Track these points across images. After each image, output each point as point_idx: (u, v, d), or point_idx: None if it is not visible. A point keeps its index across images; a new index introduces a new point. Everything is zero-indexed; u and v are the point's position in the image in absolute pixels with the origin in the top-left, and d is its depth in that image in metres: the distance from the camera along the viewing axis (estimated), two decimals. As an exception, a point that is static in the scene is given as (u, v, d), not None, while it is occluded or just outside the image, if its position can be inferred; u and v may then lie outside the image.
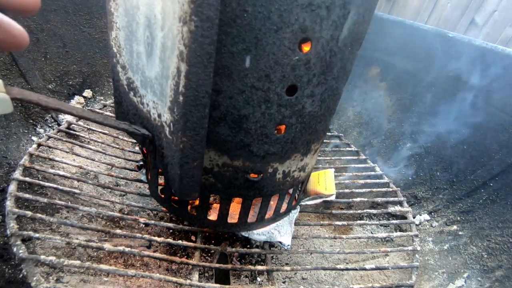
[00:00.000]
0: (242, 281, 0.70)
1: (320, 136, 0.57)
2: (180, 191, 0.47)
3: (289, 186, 0.59)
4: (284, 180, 0.57)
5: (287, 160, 0.54)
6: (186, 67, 0.35)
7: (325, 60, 0.44)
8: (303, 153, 0.55)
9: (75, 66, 0.98)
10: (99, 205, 0.77)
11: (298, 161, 0.56)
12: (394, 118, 1.12)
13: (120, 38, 0.50)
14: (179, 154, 0.42)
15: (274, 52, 0.40)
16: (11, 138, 0.76)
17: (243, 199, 0.57)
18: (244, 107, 0.44)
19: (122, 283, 0.62)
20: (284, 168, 0.54)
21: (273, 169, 0.53)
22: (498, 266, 0.67)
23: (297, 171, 0.58)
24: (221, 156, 0.50)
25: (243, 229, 0.64)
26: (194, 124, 0.40)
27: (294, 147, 0.52)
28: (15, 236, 0.53)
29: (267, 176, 0.53)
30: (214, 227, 0.63)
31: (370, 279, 0.77)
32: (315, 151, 0.59)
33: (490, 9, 1.68)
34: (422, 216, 0.89)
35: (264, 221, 0.64)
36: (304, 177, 0.62)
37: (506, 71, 0.84)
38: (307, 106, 0.47)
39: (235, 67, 0.41)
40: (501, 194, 0.78)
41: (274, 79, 0.42)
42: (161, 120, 0.45)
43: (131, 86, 0.51)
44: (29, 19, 0.85)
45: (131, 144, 0.91)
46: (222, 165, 0.51)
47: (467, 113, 0.92)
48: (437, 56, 1.02)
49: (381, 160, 1.08)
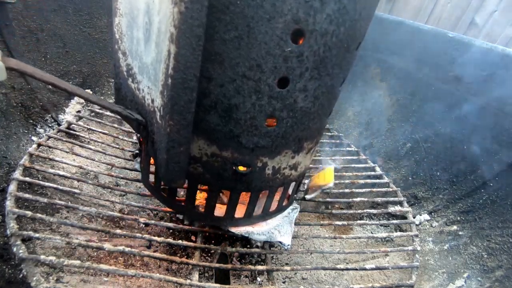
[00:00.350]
0: (242, 281, 0.70)
1: (314, 135, 0.56)
2: (166, 176, 0.47)
3: (279, 184, 0.59)
4: (274, 177, 0.56)
5: (277, 156, 0.53)
6: (175, 49, 0.36)
7: (318, 55, 0.43)
8: (294, 151, 0.54)
9: (75, 66, 0.98)
10: (99, 205, 0.77)
11: (289, 158, 0.55)
12: (394, 118, 1.12)
13: (122, 24, 0.50)
14: (166, 138, 0.43)
15: (266, 42, 0.40)
16: (11, 138, 0.76)
17: (231, 192, 0.57)
18: (234, 96, 0.44)
19: (122, 283, 0.62)
20: (274, 163, 0.54)
21: (263, 164, 0.53)
22: (498, 266, 0.67)
23: (288, 169, 0.57)
24: (210, 145, 0.49)
25: (229, 224, 0.64)
26: (181, 107, 0.40)
27: (284, 142, 0.52)
28: (15, 236, 0.53)
29: (256, 170, 0.53)
30: (200, 219, 0.63)
31: (370, 279, 0.77)
32: (309, 150, 0.59)
33: (490, 9, 1.68)
34: (422, 216, 0.89)
35: (252, 218, 0.63)
36: (297, 176, 0.61)
37: (506, 71, 0.84)
38: (299, 100, 0.47)
39: (227, 55, 0.41)
40: (501, 194, 0.78)
41: (266, 70, 0.42)
42: (153, 106, 0.46)
43: (130, 73, 0.52)
44: (29, 19, 0.85)
45: (131, 144, 0.91)
46: (211, 155, 0.50)
47: (467, 113, 0.92)
48: (437, 56, 1.02)
49: (381, 160, 1.08)
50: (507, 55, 0.85)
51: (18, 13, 0.82)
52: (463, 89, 0.93)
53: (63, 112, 0.94)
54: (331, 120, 1.31)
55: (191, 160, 0.51)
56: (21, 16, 0.83)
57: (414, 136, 1.04)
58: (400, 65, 1.15)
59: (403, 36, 1.14)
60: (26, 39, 0.84)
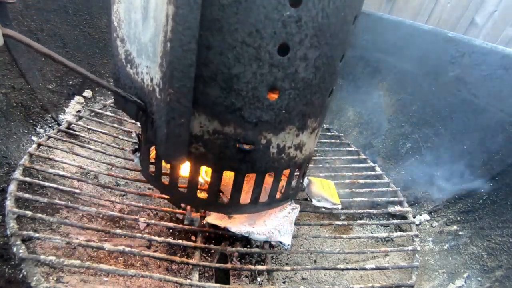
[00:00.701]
0: (242, 281, 0.70)
1: (317, 112, 0.55)
2: (166, 152, 0.46)
3: (284, 166, 0.57)
4: (279, 157, 0.55)
5: (281, 132, 0.52)
6: (173, 9, 0.36)
7: (317, 21, 0.44)
8: (298, 128, 0.54)
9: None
10: (99, 205, 0.77)
11: (294, 136, 0.54)
12: (394, 118, 1.12)
13: (120, 10, 0.51)
14: (165, 110, 0.42)
15: (265, 5, 0.40)
16: (11, 138, 0.76)
17: (235, 174, 0.55)
18: (234, 65, 0.44)
19: (122, 283, 0.62)
20: (278, 141, 0.53)
21: (267, 141, 0.52)
22: (498, 266, 0.67)
23: (293, 148, 0.56)
24: (211, 121, 0.48)
25: (235, 211, 0.61)
26: (181, 73, 0.40)
27: (288, 117, 0.51)
28: (15, 236, 0.53)
29: (260, 148, 0.52)
30: (203, 206, 0.61)
31: (370, 279, 0.77)
32: (313, 130, 0.57)
33: (490, 9, 1.68)
34: (422, 216, 0.89)
35: (258, 205, 0.61)
36: (302, 159, 0.60)
37: (506, 71, 0.84)
38: (300, 70, 0.47)
39: (225, 20, 0.41)
40: (501, 194, 0.78)
41: (265, 35, 0.42)
42: (153, 84, 0.46)
43: (128, 59, 0.52)
44: (29, 19, 0.85)
45: (131, 144, 0.91)
46: (212, 132, 0.49)
47: (467, 113, 0.92)
48: (437, 56, 1.02)
49: (381, 160, 1.08)
50: (507, 55, 0.85)
51: (18, 13, 0.82)
52: (463, 89, 0.93)
53: (63, 112, 0.94)
54: (331, 120, 1.31)
55: (192, 140, 0.50)
56: (21, 16, 0.83)
57: (414, 136, 1.04)
58: (400, 65, 1.15)
59: (403, 36, 1.14)
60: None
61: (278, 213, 0.70)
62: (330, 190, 0.79)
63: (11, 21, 0.79)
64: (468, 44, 0.94)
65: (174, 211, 0.72)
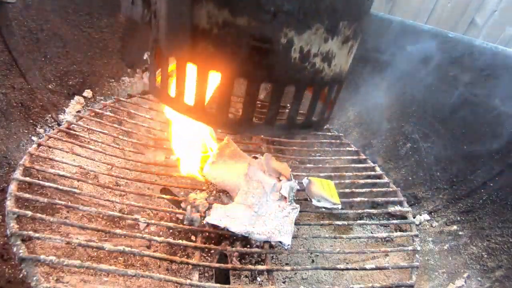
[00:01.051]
0: (242, 281, 0.70)
1: (352, 13, 0.46)
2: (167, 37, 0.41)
3: (308, 79, 0.48)
4: (301, 65, 0.46)
5: (306, 31, 0.43)
6: None
7: None
8: (327, 29, 0.44)
9: (75, 66, 0.98)
10: (99, 205, 0.77)
11: (321, 40, 0.45)
12: (394, 118, 1.12)
13: None
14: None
15: None
16: (11, 138, 0.76)
17: (248, 82, 0.47)
18: None
19: (122, 283, 0.62)
20: (302, 43, 0.44)
21: (287, 40, 0.43)
22: (498, 266, 0.67)
23: (320, 58, 0.46)
24: (221, 9, 0.41)
25: (246, 130, 0.53)
26: None
27: (315, 8, 0.42)
28: (15, 236, 0.53)
29: (279, 48, 0.43)
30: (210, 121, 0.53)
31: (370, 279, 0.77)
32: (346, 39, 0.48)
33: (490, 9, 1.67)
34: (422, 216, 0.89)
35: (274, 127, 0.52)
36: (330, 77, 0.50)
37: (506, 71, 0.84)
38: None
39: None
40: (501, 194, 0.78)
41: None
42: None
43: None
44: (29, 19, 0.85)
45: (131, 144, 0.91)
46: (222, 25, 0.42)
47: (467, 113, 0.92)
48: (437, 56, 1.02)
49: (381, 160, 1.08)
50: (507, 55, 0.85)
51: (18, 13, 0.82)
52: (463, 89, 0.93)
53: (63, 112, 0.94)
54: (331, 120, 1.31)
55: (199, 36, 0.43)
56: (21, 16, 0.83)
57: (414, 136, 1.04)
58: (400, 65, 1.15)
59: (403, 36, 1.14)
60: (26, 39, 0.84)
61: (278, 213, 0.70)
62: (330, 190, 0.79)
63: (11, 21, 0.79)
64: (468, 44, 0.94)
65: (174, 211, 0.72)
